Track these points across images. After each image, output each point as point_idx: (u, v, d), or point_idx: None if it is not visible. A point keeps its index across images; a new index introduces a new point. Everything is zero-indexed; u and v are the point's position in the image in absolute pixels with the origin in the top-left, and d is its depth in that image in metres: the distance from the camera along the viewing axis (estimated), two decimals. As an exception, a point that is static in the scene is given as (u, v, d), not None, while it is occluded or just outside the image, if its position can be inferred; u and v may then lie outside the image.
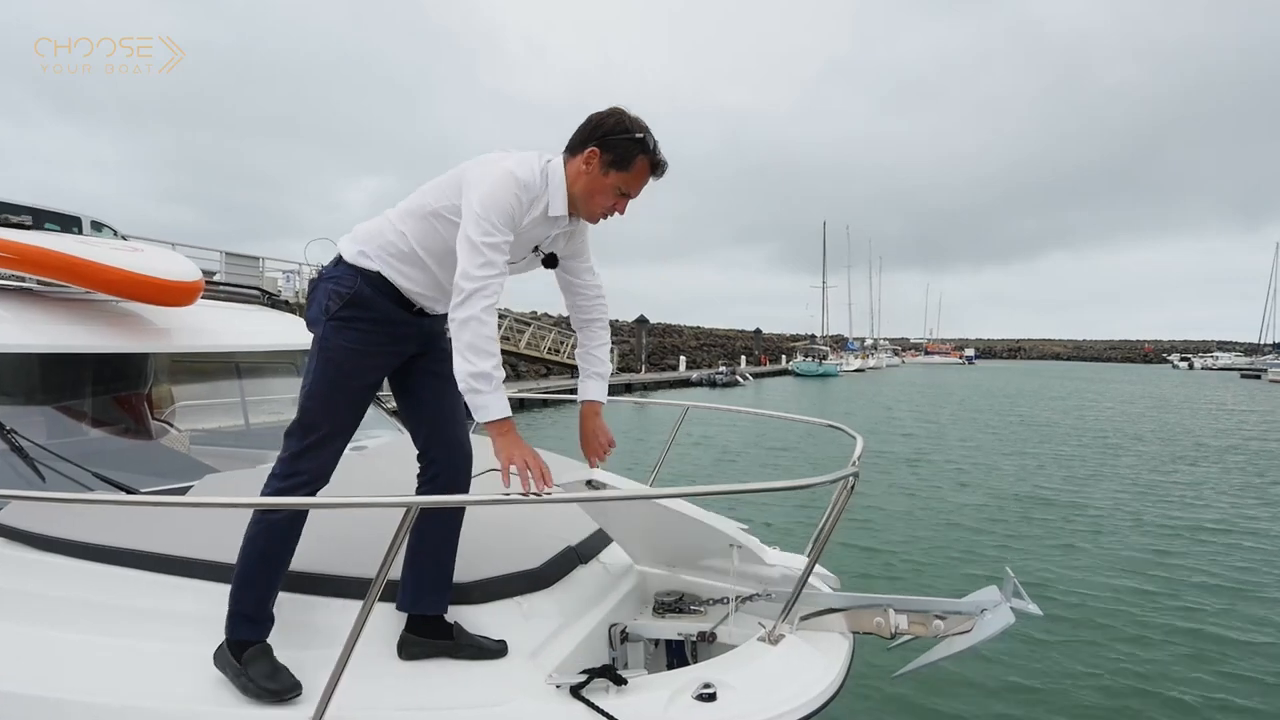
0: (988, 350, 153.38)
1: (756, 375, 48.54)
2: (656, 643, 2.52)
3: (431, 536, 1.98)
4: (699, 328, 73.97)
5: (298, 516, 1.88)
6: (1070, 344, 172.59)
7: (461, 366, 1.78)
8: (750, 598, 2.35)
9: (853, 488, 2.00)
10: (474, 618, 2.02)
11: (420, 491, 2.05)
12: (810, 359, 57.28)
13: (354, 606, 1.92)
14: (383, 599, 1.95)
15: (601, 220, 2.05)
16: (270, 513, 1.85)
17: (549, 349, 31.44)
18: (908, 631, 2.18)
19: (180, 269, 2.89)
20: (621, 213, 2.03)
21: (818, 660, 2.04)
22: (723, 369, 42.95)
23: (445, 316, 2.05)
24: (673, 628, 2.43)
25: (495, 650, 1.92)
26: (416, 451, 2.08)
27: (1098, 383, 50.21)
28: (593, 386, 2.23)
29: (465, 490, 2.08)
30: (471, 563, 2.13)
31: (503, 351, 1.88)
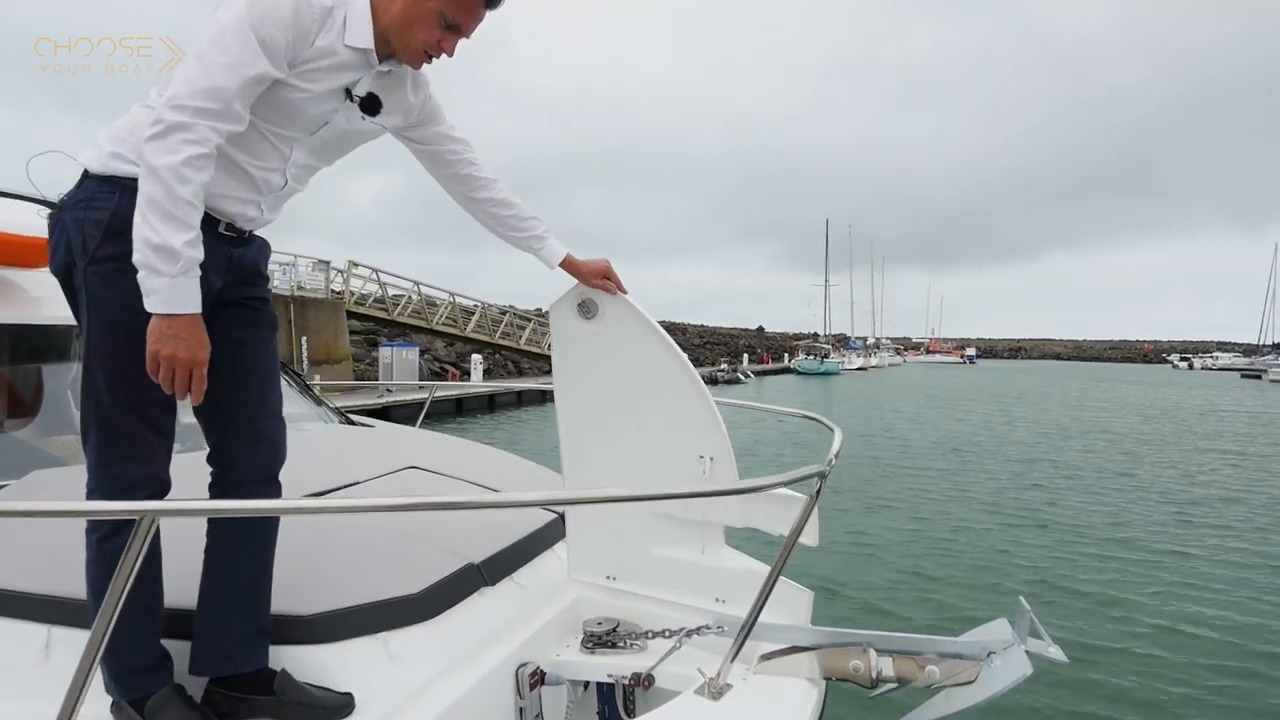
0: (989, 350, 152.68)
1: (758, 373, 48.21)
2: (586, 685, 2.04)
3: (240, 569, 1.49)
4: (703, 326, 73.68)
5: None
6: (1070, 344, 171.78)
7: (142, 231, 1.25)
8: (698, 630, 1.87)
9: (819, 491, 1.52)
10: (318, 662, 1.53)
11: None
12: (812, 357, 57.11)
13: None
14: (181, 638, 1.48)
15: (425, 64, 1.55)
16: (116, 534, 1.34)
17: (549, 345, 30.86)
18: (893, 679, 1.69)
19: (24, 222, 2.40)
20: (450, 54, 1.54)
21: (775, 718, 1.56)
22: (724, 366, 42.58)
23: (259, 244, 1.57)
24: (602, 666, 1.94)
25: (335, 707, 1.44)
26: (207, 451, 1.55)
27: (1104, 383, 49.25)
28: (552, 244, 1.94)
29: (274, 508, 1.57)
30: (321, 588, 1.65)
31: (502, 348, 1.35)
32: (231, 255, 1.49)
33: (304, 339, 19.17)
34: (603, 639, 1.99)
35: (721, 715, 1.54)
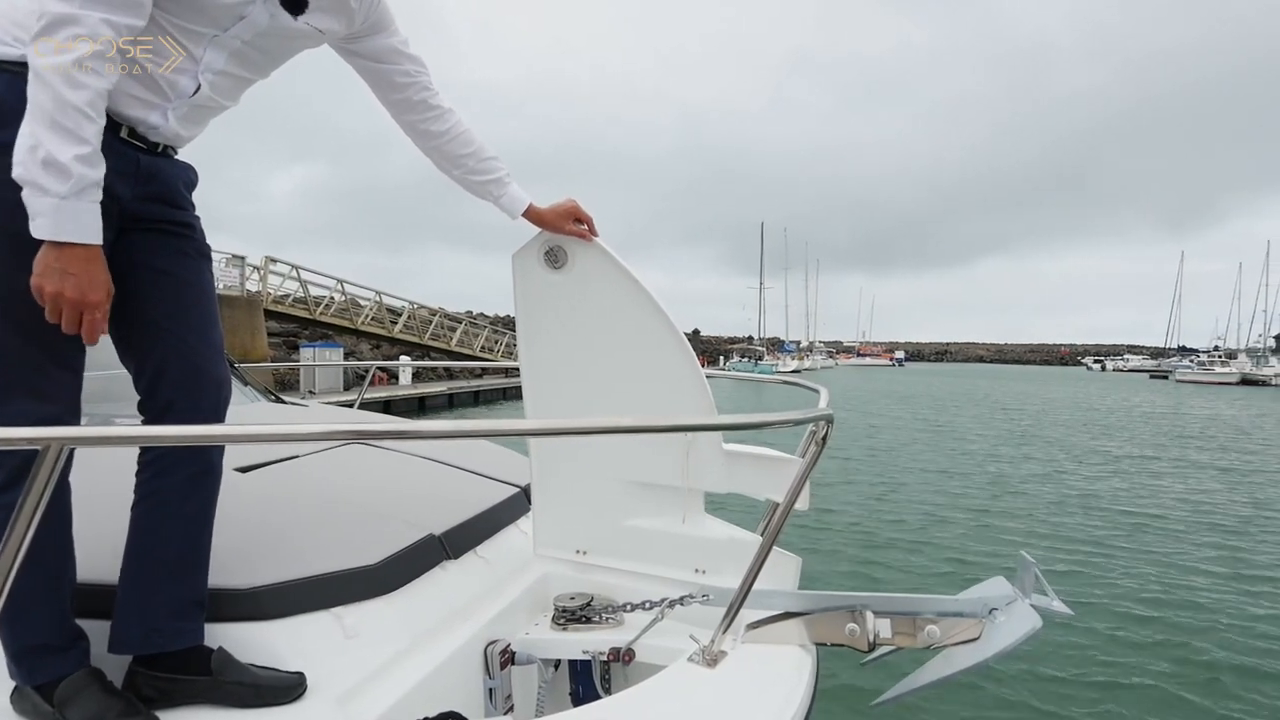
0: (916, 353, 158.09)
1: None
2: (557, 664, 1.89)
3: (174, 530, 1.29)
4: (636, 329, 73.70)
5: (58, 484, 1.16)
6: (993, 347, 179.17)
7: (24, 141, 1.05)
8: (681, 600, 1.75)
9: (825, 438, 1.42)
10: (263, 640, 1.34)
11: (143, 461, 1.33)
12: (747, 360, 57.95)
13: None
14: (101, 617, 1.28)
15: None
16: (12, 485, 1.12)
17: (482, 347, 30.40)
18: (891, 642, 1.60)
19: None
20: None
21: (770, 686, 1.45)
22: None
23: (181, 165, 1.37)
24: (576, 643, 1.80)
25: (283, 688, 1.25)
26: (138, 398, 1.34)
27: (1026, 382, 50.96)
28: (514, 190, 1.77)
29: (218, 457, 1.37)
30: (265, 560, 1.46)
31: (432, 349, 1.16)
32: (140, 161, 1.27)
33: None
34: (576, 614, 1.85)
35: (719, 682, 1.42)
